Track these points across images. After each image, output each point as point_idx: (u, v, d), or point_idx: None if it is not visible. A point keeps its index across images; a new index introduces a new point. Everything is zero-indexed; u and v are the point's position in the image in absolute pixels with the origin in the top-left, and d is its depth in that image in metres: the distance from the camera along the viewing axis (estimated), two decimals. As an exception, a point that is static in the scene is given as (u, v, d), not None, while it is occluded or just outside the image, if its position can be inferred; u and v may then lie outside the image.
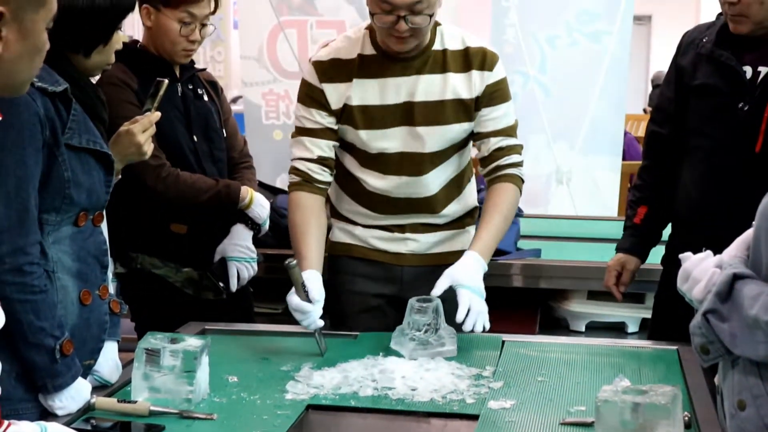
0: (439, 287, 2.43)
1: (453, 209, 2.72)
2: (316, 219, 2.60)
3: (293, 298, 2.43)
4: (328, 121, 2.61)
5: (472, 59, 2.57)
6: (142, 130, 2.40)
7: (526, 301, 3.53)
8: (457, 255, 2.54)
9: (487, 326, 2.43)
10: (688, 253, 1.82)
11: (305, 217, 2.60)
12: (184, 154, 2.91)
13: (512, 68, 4.61)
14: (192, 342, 2.12)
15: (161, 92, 2.45)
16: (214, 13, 2.93)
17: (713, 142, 2.59)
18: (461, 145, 2.67)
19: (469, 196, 2.78)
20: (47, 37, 1.71)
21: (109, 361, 2.18)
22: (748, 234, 1.75)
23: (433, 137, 2.60)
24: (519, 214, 3.72)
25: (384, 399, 2.16)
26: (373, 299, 2.73)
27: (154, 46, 2.88)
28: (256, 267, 3.01)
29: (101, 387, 2.16)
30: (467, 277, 2.44)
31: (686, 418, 1.90)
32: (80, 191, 2.00)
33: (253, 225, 2.99)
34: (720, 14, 2.68)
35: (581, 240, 3.88)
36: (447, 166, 2.67)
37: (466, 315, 2.39)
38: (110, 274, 2.36)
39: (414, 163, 2.63)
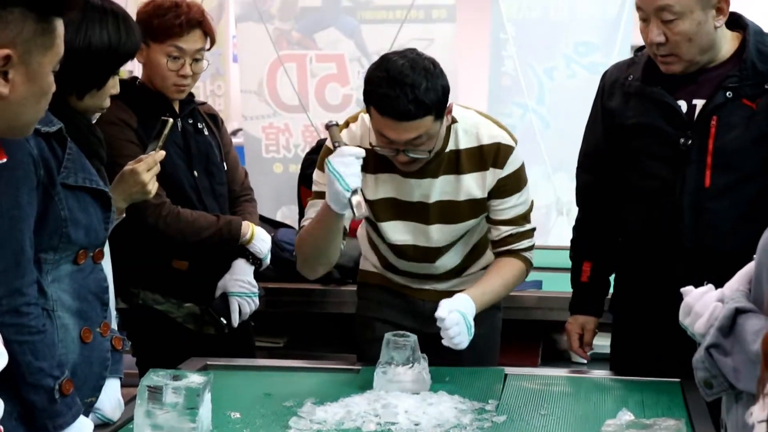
0: (441, 313, 2.38)
1: (474, 269, 2.73)
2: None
3: (336, 151, 2.39)
4: None
5: (486, 158, 2.53)
6: (147, 169, 2.40)
7: (528, 333, 3.53)
8: None
9: (462, 346, 2.38)
10: (690, 287, 1.83)
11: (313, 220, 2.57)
12: (184, 190, 2.91)
13: (511, 100, 4.64)
14: (194, 378, 2.11)
15: (166, 131, 2.46)
16: (209, 48, 2.92)
17: (657, 180, 2.52)
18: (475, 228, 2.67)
19: (490, 255, 2.75)
20: (53, 80, 1.72)
21: (111, 398, 2.18)
22: (750, 267, 1.76)
23: (446, 233, 2.60)
24: (519, 245, 3.72)
25: (387, 434, 2.16)
26: (394, 329, 2.72)
27: (150, 83, 2.90)
28: (257, 301, 3.01)
29: (104, 425, 2.15)
30: (462, 306, 2.41)
31: (690, 452, 1.90)
32: (78, 229, 2.00)
33: (254, 260, 2.99)
34: (638, 50, 2.64)
35: (582, 271, 3.86)
36: (460, 247, 2.67)
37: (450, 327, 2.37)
38: (113, 311, 2.36)
39: (427, 253, 2.64)
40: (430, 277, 2.71)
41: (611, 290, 2.80)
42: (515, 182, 2.57)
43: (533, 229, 2.65)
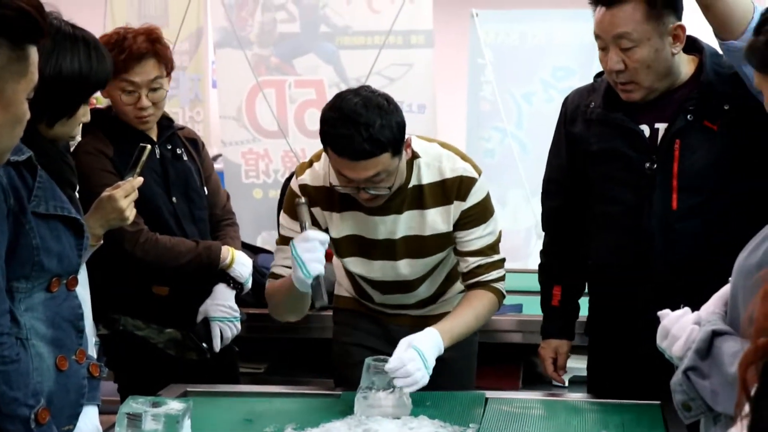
0: (398, 352, 2.39)
1: (449, 294, 2.74)
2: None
3: (300, 235, 2.40)
4: None
5: (449, 192, 2.51)
6: (125, 195, 2.40)
7: (509, 356, 3.53)
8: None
9: (407, 392, 2.37)
10: (666, 311, 1.83)
11: (282, 280, 2.58)
12: (163, 216, 2.90)
13: (489, 124, 4.67)
14: (174, 405, 2.10)
15: (143, 158, 2.46)
16: (167, 74, 2.87)
17: (623, 205, 2.52)
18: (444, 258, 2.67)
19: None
20: (28, 108, 1.72)
21: (89, 426, 2.15)
22: (725, 290, 1.77)
23: (415, 267, 2.61)
24: (499, 269, 3.73)
25: (368, 460, 2.15)
26: (370, 353, 2.72)
27: None
28: (239, 326, 3.01)
29: (81, 453, 2.13)
30: (422, 345, 2.39)
31: (670, 474, 1.90)
32: (50, 257, 1.98)
33: (235, 284, 2.98)
34: (598, 76, 2.66)
35: (562, 294, 3.88)
36: (433, 278, 2.68)
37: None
38: (93, 337, 2.34)
39: (399, 286, 2.65)
40: (405, 306, 2.71)
41: (586, 312, 2.80)
42: (480, 213, 2.55)
43: (502, 260, 2.63)
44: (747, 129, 2.43)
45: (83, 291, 2.23)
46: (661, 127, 2.48)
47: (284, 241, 2.59)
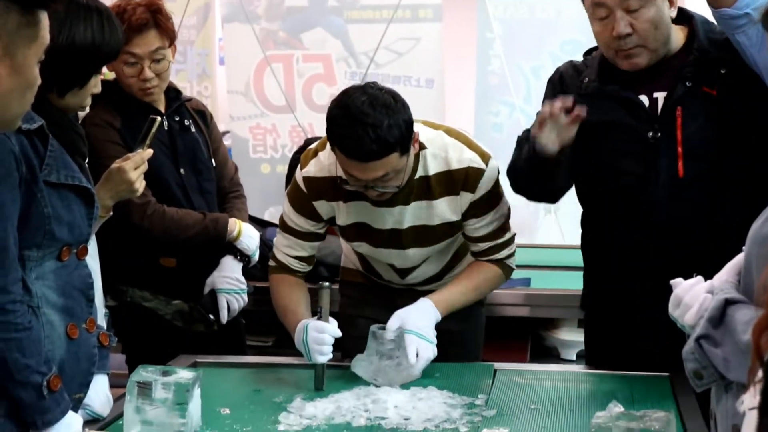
0: (390, 327, 2.44)
1: (456, 271, 2.72)
2: (301, 292, 2.64)
3: (316, 323, 2.44)
4: (316, 227, 2.60)
5: (456, 182, 2.48)
6: (134, 167, 2.40)
7: (517, 330, 3.54)
8: None
9: (411, 359, 2.41)
10: (679, 279, 1.83)
11: (291, 292, 2.61)
12: (170, 188, 2.90)
13: (498, 99, 4.64)
14: (183, 374, 2.11)
15: (153, 130, 2.45)
16: (170, 45, 2.85)
17: (631, 176, 2.49)
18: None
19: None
20: (38, 73, 1.71)
21: (99, 394, 2.17)
22: (739, 259, 1.76)
23: (422, 253, 2.60)
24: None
25: (377, 429, 2.16)
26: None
27: None
28: (246, 298, 3.01)
29: (93, 421, 2.15)
30: (416, 322, 2.44)
31: (680, 443, 1.90)
32: (61, 227, 1.98)
33: (242, 256, 2.98)
34: (587, 54, 2.64)
35: (570, 269, 3.86)
36: (438, 258, 2.67)
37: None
38: (102, 308, 2.35)
39: (404, 270, 2.65)
40: (413, 282, 2.71)
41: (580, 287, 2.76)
42: (489, 202, 2.53)
43: (513, 237, 2.62)
44: (744, 97, 2.42)
45: (93, 262, 2.23)
46: (660, 96, 2.48)
47: (286, 229, 2.60)
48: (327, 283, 2.44)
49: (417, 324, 2.45)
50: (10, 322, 1.86)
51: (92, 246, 2.22)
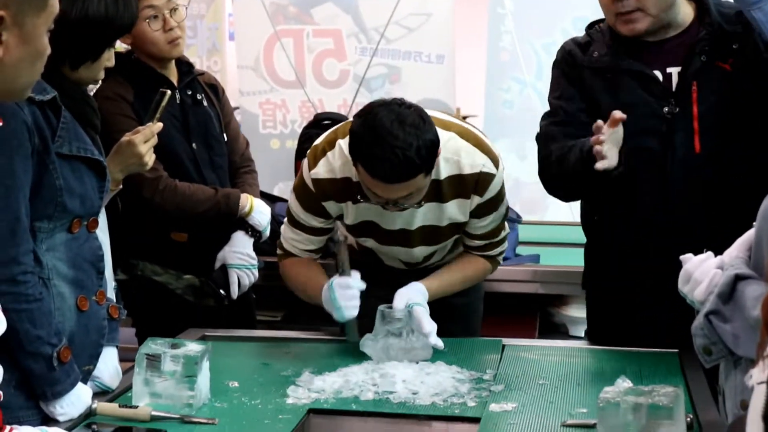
0: (397, 307, 2.44)
1: (454, 254, 2.71)
2: (316, 266, 2.63)
3: (339, 279, 2.44)
4: (325, 223, 2.57)
5: (468, 186, 2.45)
6: (144, 140, 2.40)
7: (525, 306, 3.54)
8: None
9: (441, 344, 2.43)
10: (689, 255, 1.83)
11: (307, 269, 2.60)
12: (182, 163, 2.90)
13: (509, 75, 4.63)
14: (193, 347, 2.12)
15: (163, 103, 2.45)
16: None
17: (647, 153, 2.46)
18: None
19: None
20: (48, 42, 1.71)
21: (109, 366, 2.18)
22: (749, 234, 1.76)
23: (428, 250, 2.60)
24: (517, 220, 3.73)
25: (385, 403, 2.16)
26: (377, 303, 2.73)
27: (145, 57, 2.88)
28: (256, 274, 3.01)
29: (102, 393, 2.15)
30: (418, 298, 2.46)
31: (688, 419, 1.89)
32: (73, 198, 1.99)
33: (253, 232, 2.98)
34: (589, 27, 2.61)
35: (579, 246, 3.84)
36: (442, 248, 2.65)
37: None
38: (112, 281, 2.36)
39: (408, 262, 2.65)
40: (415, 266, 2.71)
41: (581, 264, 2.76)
42: (494, 204, 2.52)
43: (507, 235, 2.64)
44: (757, 72, 2.41)
45: (103, 235, 2.24)
46: (674, 71, 2.46)
47: (294, 224, 2.57)
48: (342, 237, 2.43)
49: (419, 299, 2.46)
50: (21, 293, 1.87)
51: (102, 219, 2.23)
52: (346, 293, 2.42)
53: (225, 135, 3.04)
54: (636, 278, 2.52)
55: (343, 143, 2.41)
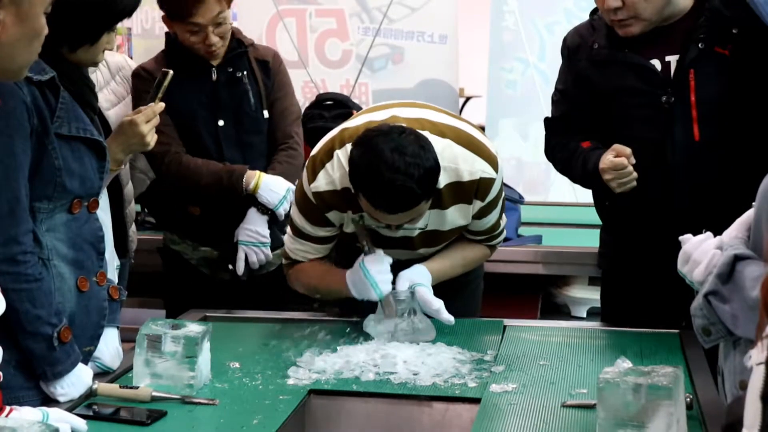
0: (400, 288, 2.44)
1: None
2: (328, 262, 2.61)
3: (367, 257, 2.44)
4: (331, 231, 2.54)
5: (468, 192, 2.43)
6: (146, 120, 2.39)
7: (528, 287, 3.54)
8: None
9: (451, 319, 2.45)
10: (688, 235, 1.82)
11: (321, 266, 2.58)
12: (201, 139, 2.95)
13: (512, 55, 4.62)
14: (193, 328, 2.12)
15: (165, 83, 2.45)
16: (228, 6, 2.87)
17: (645, 142, 2.47)
18: None
19: None
20: (45, 22, 1.70)
21: (110, 347, 2.18)
22: (749, 215, 1.75)
23: (430, 251, 2.59)
24: (520, 201, 3.72)
25: (386, 383, 2.16)
26: None
27: None
28: (268, 252, 3.00)
29: (103, 373, 2.16)
30: (420, 279, 2.46)
31: (688, 399, 1.90)
32: (73, 179, 1.99)
33: (264, 210, 2.98)
34: (593, 13, 2.61)
35: (582, 226, 3.87)
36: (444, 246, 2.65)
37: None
38: (114, 262, 2.36)
39: (410, 260, 2.61)
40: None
41: (596, 244, 2.79)
42: (494, 204, 2.51)
43: (505, 225, 2.64)
44: (757, 56, 2.40)
45: (104, 215, 2.24)
46: (672, 59, 2.46)
47: (298, 234, 2.54)
48: (355, 216, 2.42)
49: (422, 280, 2.47)
50: (20, 273, 1.87)
51: (103, 200, 2.23)
52: (379, 269, 2.42)
53: (267, 112, 3.02)
54: (650, 260, 2.52)
55: (341, 153, 2.39)
